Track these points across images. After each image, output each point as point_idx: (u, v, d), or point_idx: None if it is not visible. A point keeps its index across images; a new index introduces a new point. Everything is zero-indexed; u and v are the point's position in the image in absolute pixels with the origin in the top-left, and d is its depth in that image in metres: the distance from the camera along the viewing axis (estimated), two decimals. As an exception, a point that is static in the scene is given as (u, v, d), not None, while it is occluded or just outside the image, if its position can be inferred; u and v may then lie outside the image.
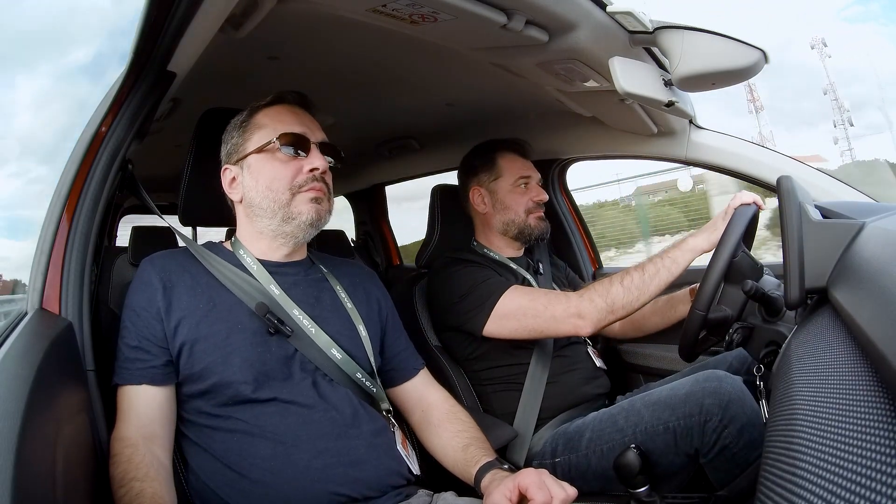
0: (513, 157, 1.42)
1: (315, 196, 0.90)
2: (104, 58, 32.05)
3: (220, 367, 0.81)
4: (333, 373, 0.88)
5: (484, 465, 0.87)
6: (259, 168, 0.91)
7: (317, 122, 0.96)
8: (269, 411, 0.81)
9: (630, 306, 1.10)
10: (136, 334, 0.83)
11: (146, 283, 0.86)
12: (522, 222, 1.38)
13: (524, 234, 1.39)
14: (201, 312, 0.84)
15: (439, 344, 1.35)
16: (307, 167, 0.90)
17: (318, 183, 0.91)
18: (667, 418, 1.01)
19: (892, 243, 0.55)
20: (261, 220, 0.91)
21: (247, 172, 0.92)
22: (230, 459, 0.79)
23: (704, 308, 0.93)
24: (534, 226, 1.39)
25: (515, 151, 1.44)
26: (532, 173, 1.42)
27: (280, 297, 0.89)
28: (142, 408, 0.80)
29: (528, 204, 1.39)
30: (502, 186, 1.40)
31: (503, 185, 1.40)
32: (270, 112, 0.94)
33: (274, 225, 0.90)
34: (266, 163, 0.90)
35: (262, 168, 0.90)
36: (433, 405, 1.01)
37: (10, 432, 0.47)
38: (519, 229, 1.39)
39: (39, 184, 26.92)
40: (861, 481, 0.32)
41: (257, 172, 0.91)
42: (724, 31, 0.88)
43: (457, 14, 0.85)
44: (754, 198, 1.03)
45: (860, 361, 0.42)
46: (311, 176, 0.90)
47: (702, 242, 1.09)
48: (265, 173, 0.90)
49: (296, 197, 0.90)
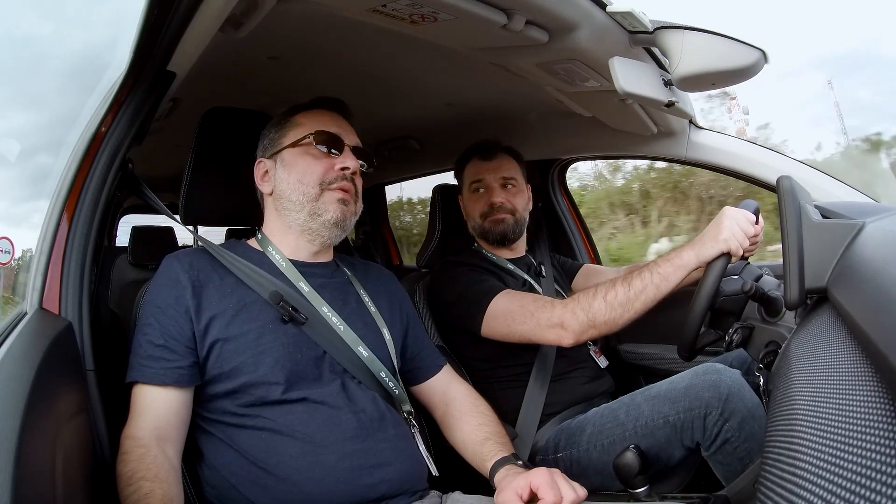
0: (474, 163, 1.42)
1: (342, 197, 0.92)
2: (103, 57, 32.59)
3: (250, 367, 0.81)
4: (360, 374, 0.89)
5: (499, 460, 0.88)
6: (292, 162, 0.93)
7: (352, 129, 0.99)
8: (299, 410, 0.82)
9: (613, 322, 1.03)
10: (161, 332, 0.82)
11: (174, 280, 0.85)
12: (479, 227, 1.39)
13: (486, 237, 1.39)
14: (231, 312, 0.84)
15: (442, 343, 1.35)
16: (338, 165, 0.92)
17: (347, 182, 0.93)
18: (667, 412, 1.02)
19: (891, 243, 0.55)
20: (289, 214, 0.93)
21: (280, 166, 0.94)
22: (257, 456, 0.79)
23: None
24: (489, 228, 1.37)
25: (478, 156, 1.42)
26: (487, 175, 1.39)
27: (310, 293, 0.90)
28: (160, 408, 0.80)
29: (482, 208, 1.38)
30: (464, 194, 1.44)
31: (465, 193, 1.44)
32: (309, 113, 0.97)
33: (301, 219, 0.92)
34: (299, 157, 0.93)
35: (295, 162, 0.93)
36: (456, 398, 1.03)
37: (10, 432, 0.47)
38: (479, 233, 1.40)
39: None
40: (861, 481, 0.32)
41: (290, 166, 0.93)
42: (723, 30, 0.88)
43: (457, 14, 0.85)
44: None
45: (860, 361, 0.42)
46: (342, 175, 0.92)
47: (691, 259, 0.99)
48: (298, 167, 0.92)
49: (325, 193, 0.92)
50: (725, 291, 0.94)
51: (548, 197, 1.85)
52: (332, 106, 0.99)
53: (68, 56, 79.47)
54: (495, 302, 1.18)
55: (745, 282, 0.92)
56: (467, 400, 1.03)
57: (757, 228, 1.01)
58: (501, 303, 1.18)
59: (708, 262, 0.97)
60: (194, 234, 1.02)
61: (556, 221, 1.84)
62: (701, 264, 0.98)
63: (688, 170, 4.55)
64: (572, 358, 1.30)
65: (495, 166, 1.41)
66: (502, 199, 1.37)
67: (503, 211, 1.37)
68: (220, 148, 1.03)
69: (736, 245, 0.96)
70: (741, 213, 0.99)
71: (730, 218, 0.98)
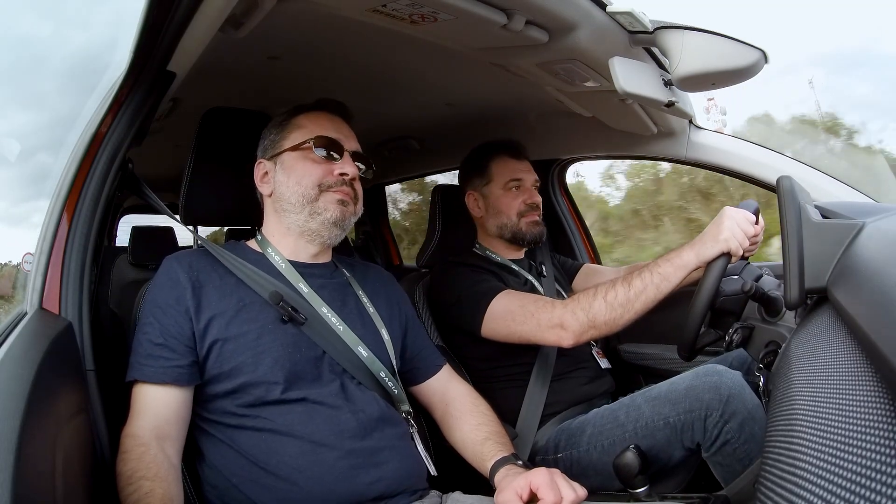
0: (504, 160, 1.41)
1: (341, 198, 0.92)
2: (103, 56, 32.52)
3: (250, 366, 0.82)
4: (360, 374, 0.89)
5: (499, 460, 0.88)
6: (292, 165, 0.93)
7: (353, 133, 0.99)
8: (298, 410, 0.82)
9: (614, 323, 1.03)
10: (161, 331, 0.83)
11: (174, 280, 0.86)
12: (514, 226, 1.37)
13: (517, 238, 1.38)
14: (231, 312, 0.85)
15: (441, 343, 1.35)
16: (337, 171, 0.93)
17: (346, 187, 0.93)
18: (667, 413, 1.02)
19: (891, 243, 0.55)
20: (288, 216, 0.93)
21: (280, 168, 0.94)
22: (257, 457, 0.80)
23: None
24: (525, 230, 1.37)
25: (508, 154, 1.42)
26: (525, 175, 1.40)
27: (309, 294, 0.90)
28: (160, 407, 0.80)
29: (519, 207, 1.37)
30: (493, 190, 1.40)
31: (494, 189, 1.40)
32: (311, 116, 0.97)
33: (301, 220, 0.92)
34: (299, 161, 0.93)
35: (294, 165, 0.93)
36: (456, 398, 1.03)
37: (10, 432, 0.47)
38: (512, 233, 1.38)
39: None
40: (861, 481, 0.32)
41: (290, 169, 0.93)
42: (723, 31, 0.88)
43: (457, 14, 0.85)
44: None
45: (860, 361, 0.42)
46: (340, 180, 0.93)
47: (691, 259, 0.99)
48: (297, 170, 0.92)
49: (323, 195, 0.92)
50: (725, 291, 0.94)
51: (548, 197, 1.85)
52: (333, 108, 0.99)
53: (68, 56, 79.51)
54: (495, 302, 1.18)
55: (745, 282, 0.92)
56: (467, 400, 1.03)
57: (757, 228, 1.01)
58: (502, 303, 1.18)
59: (708, 262, 0.97)
60: (194, 234, 1.02)
61: (556, 221, 1.84)
62: (701, 264, 0.98)
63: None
64: (574, 357, 1.30)
65: (528, 168, 1.42)
66: (539, 200, 1.38)
67: (539, 212, 1.39)
68: (220, 148, 1.03)
69: (736, 245, 0.96)
70: (741, 213, 0.99)
71: (730, 218, 0.98)
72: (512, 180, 1.38)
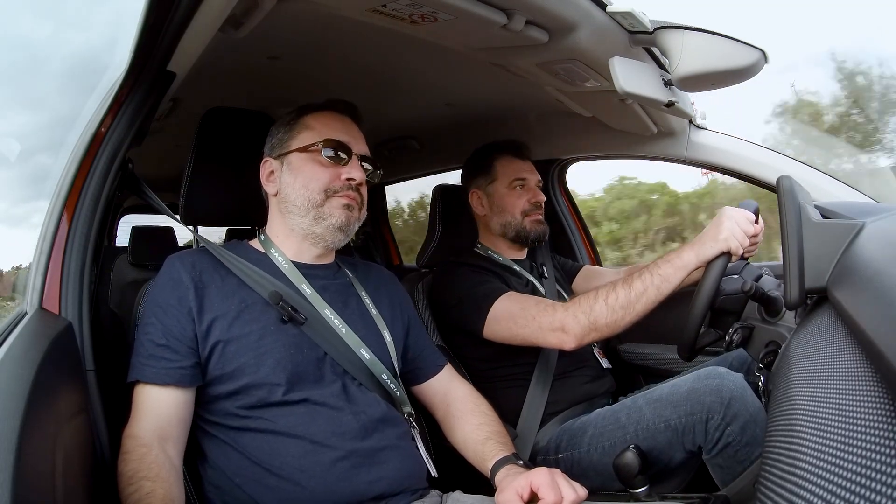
0: (509, 159, 1.42)
1: (347, 203, 0.92)
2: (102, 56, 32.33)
3: (252, 368, 0.82)
4: (361, 376, 0.89)
5: (500, 459, 0.88)
6: (299, 166, 0.92)
7: (362, 135, 0.98)
8: (300, 412, 0.82)
9: (615, 325, 1.03)
10: (163, 332, 0.82)
11: (176, 280, 0.85)
12: (518, 224, 1.38)
13: (521, 236, 1.38)
14: (233, 314, 0.84)
15: (442, 343, 1.35)
16: (344, 175, 0.92)
17: (352, 192, 0.93)
18: (668, 416, 1.01)
19: (892, 243, 0.55)
20: (293, 218, 0.92)
21: (286, 168, 0.94)
22: (260, 458, 0.80)
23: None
24: (529, 228, 1.38)
25: (512, 153, 1.43)
26: (529, 175, 1.41)
27: (312, 296, 0.90)
28: (162, 408, 0.80)
29: (524, 206, 1.38)
30: (498, 189, 1.40)
31: (499, 188, 1.40)
32: (320, 116, 0.96)
33: (305, 224, 0.92)
34: (306, 163, 0.92)
35: (301, 167, 0.92)
36: (458, 399, 1.03)
37: (10, 432, 0.47)
38: (515, 231, 1.38)
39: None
40: (861, 481, 0.32)
41: (296, 170, 0.92)
42: (723, 30, 0.88)
43: (457, 14, 0.85)
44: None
45: (860, 361, 0.42)
46: (347, 184, 0.92)
47: (691, 259, 0.99)
48: (304, 172, 0.92)
49: (329, 200, 0.91)
50: (725, 291, 0.94)
51: (548, 197, 1.85)
52: (343, 109, 0.98)
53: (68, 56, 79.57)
54: (497, 305, 1.18)
55: (745, 281, 0.92)
56: (468, 400, 1.03)
57: (757, 228, 1.01)
58: (503, 306, 1.18)
59: (708, 262, 0.96)
60: (195, 234, 1.02)
61: (557, 222, 1.83)
62: (701, 264, 0.98)
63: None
64: (576, 357, 1.29)
65: (531, 168, 1.43)
66: (542, 199, 1.39)
67: (542, 212, 1.39)
68: (220, 148, 1.03)
69: (736, 244, 0.96)
70: (741, 213, 0.99)
71: (729, 218, 0.98)
72: (516, 179, 1.39)
